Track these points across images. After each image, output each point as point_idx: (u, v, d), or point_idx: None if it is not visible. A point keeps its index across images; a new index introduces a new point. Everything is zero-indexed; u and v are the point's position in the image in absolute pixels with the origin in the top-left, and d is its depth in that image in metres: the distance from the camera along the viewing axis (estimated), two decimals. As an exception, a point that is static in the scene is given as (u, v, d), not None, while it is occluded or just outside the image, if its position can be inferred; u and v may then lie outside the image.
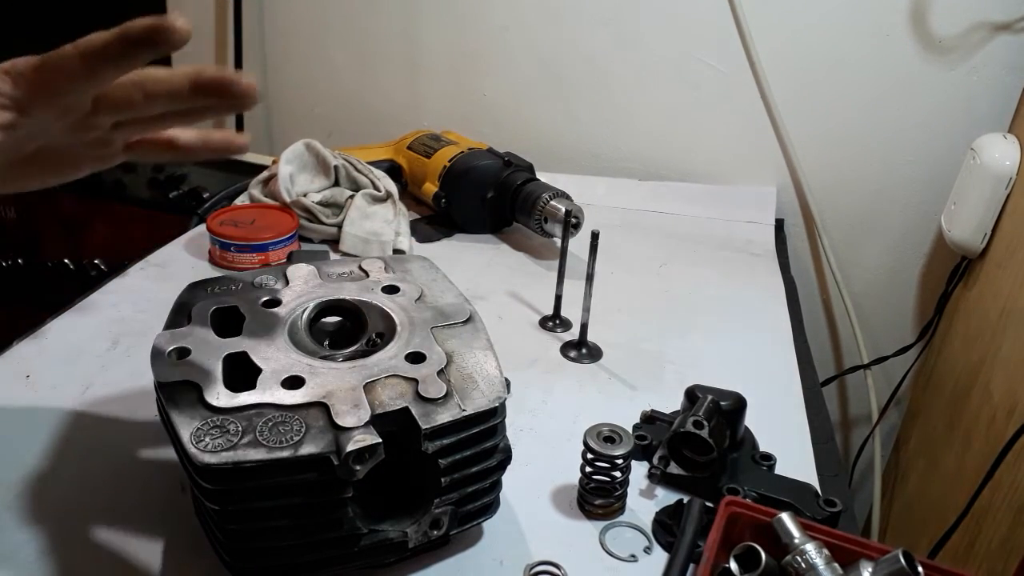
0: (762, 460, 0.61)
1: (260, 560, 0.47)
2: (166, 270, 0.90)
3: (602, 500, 0.58)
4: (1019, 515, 0.77)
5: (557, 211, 0.96)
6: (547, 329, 0.85)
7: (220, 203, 1.06)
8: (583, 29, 1.24)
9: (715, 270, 1.01)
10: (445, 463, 0.48)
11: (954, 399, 1.04)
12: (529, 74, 1.30)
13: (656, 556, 0.55)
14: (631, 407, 0.68)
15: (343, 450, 0.43)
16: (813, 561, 0.46)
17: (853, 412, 1.35)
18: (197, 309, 0.53)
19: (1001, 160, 0.98)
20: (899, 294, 1.26)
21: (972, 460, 0.93)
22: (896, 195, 1.20)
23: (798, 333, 0.88)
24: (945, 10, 1.08)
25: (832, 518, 0.55)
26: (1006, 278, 0.96)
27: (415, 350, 0.51)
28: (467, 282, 0.62)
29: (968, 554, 0.87)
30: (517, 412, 0.68)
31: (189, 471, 0.44)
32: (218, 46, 1.44)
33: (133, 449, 0.61)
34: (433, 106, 1.36)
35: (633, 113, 1.28)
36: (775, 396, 0.74)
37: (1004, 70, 1.08)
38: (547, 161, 1.16)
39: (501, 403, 0.49)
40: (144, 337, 0.50)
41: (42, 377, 0.69)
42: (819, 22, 1.14)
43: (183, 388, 0.46)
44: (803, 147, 1.21)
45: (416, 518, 0.49)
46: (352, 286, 0.58)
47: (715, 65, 1.21)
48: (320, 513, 0.46)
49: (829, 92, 1.17)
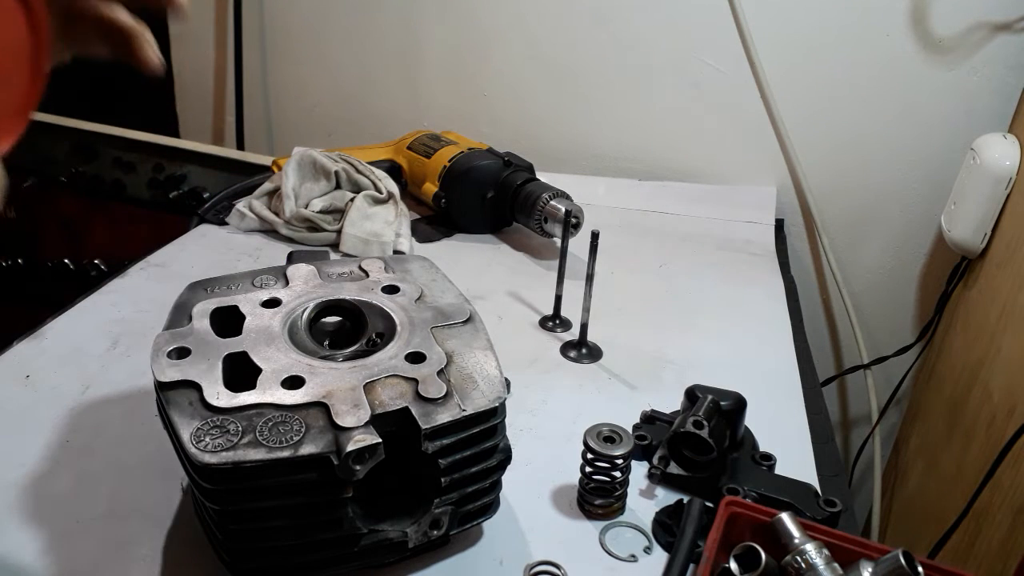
0: (762, 460, 0.61)
1: (260, 560, 0.47)
2: (166, 270, 0.90)
3: (602, 500, 0.58)
4: (1019, 515, 0.77)
5: (557, 211, 0.96)
6: (547, 329, 0.85)
7: (220, 203, 1.06)
8: (583, 29, 1.24)
9: (715, 270, 1.01)
10: (445, 463, 0.48)
11: (954, 399, 1.04)
12: (529, 74, 1.30)
13: (656, 556, 0.55)
14: (631, 407, 0.68)
15: (343, 450, 0.43)
16: (813, 561, 0.46)
17: (853, 412, 1.35)
18: (197, 309, 0.53)
19: (1001, 160, 0.98)
20: (899, 294, 1.26)
21: (972, 460, 0.93)
22: (896, 195, 1.20)
23: (798, 333, 0.88)
24: (945, 10, 1.08)
25: (832, 518, 0.55)
26: (1006, 278, 0.96)
27: (415, 350, 0.51)
28: (467, 282, 0.62)
29: (968, 554, 0.87)
30: (517, 412, 0.68)
31: (189, 471, 0.44)
32: (218, 46, 1.44)
33: (133, 449, 0.61)
34: (433, 106, 1.36)
35: (633, 113, 1.28)
36: (775, 396, 0.74)
37: (1004, 70, 1.08)
38: (547, 161, 1.16)
39: (501, 403, 0.49)
40: (144, 337, 0.50)
41: (42, 377, 0.69)
42: (819, 22, 1.14)
43: (183, 388, 0.46)
44: (803, 147, 1.21)
45: (416, 518, 0.49)
46: (352, 286, 0.58)
47: (715, 65, 1.21)
48: (320, 513, 0.46)
49: (829, 92, 1.17)
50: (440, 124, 1.23)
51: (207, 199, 1.09)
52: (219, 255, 0.95)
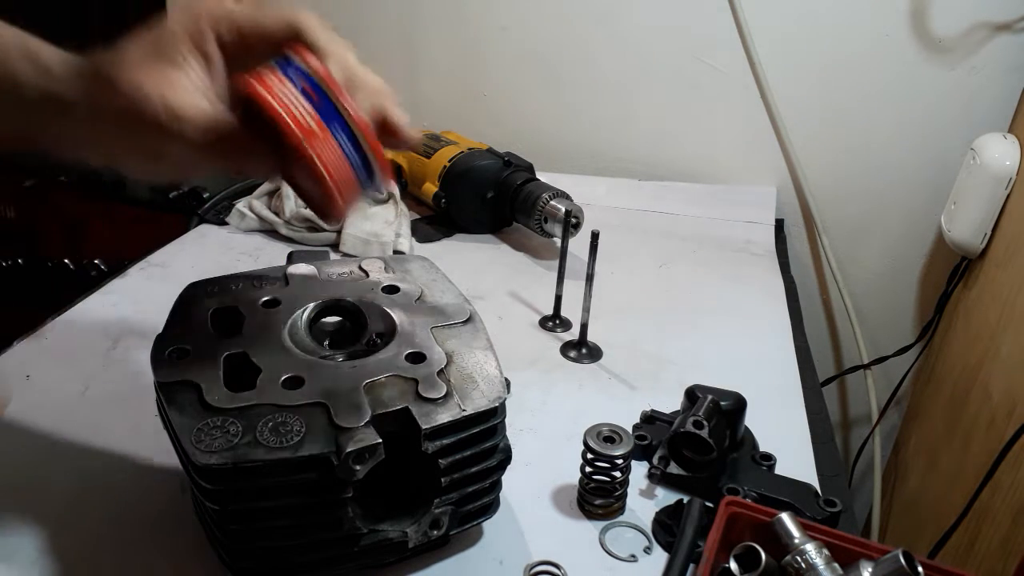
0: (762, 460, 0.61)
1: (260, 560, 0.47)
2: (166, 270, 0.90)
3: (602, 500, 0.58)
4: (1019, 515, 0.77)
5: (557, 211, 0.96)
6: (547, 329, 0.85)
7: (220, 203, 1.06)
8: (583, 29, 1.24)
9: (715, 270, 1.01)
10: (445, 463, 0.48)
11: (954, 399, 1.04)
12: (529, 74, 1.30)
13: (656, 556, 0.55)
14: (631, 407, 0.68)
15: (343, 450, 0.43)
16: (813, 561, 0.46)
17: (853, 412, 1.35)
18: (197, 309, 0.53)
19: (1001, 160, 0.98)
20: (899, 294, 1.26)
21: (972, 460, 0.93)
22: (896, 195, 1.20)
23: (798, 333, 0.88)
24: (945, 10, 1.08)
25: (832, 518, 0.55)
26: (1006, 278, 0.96)
27: (415, 350, 0.51)
28: (467, 282, 0.62)
29: (968, 554, 0.87)
30: (517, 412, 0.68)
31: (189, 471, 0.44)
32: (218, 46, 1.43)
33: (133, 449, 0.61)
34: (433, 106, 1.36)
35: (633, 113, 1.28)
36: (775, 396, 0.74)
37: (1004, 70, 1.08)
38: (547, 161, 1.16)
39: (501, 403, 0.49)
40: (144, 337, 0.50)
41: (42, 377, 0.69)
42: (819, 22, 1.14)
43: (183, 388, 0.46)
44: (803, 147, 1.21)
45: (416, 518, 0.49)
46: (352, 286, 0.58)
47: (715, 65, 1.21)
48: (320, 513, 0.46)
49: (829, 92, 1.17)
50: (440, 124, 1.23)
51: (207, 199, 1.09)
52: (219, 255, 0.95)
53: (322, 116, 0.42)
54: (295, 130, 0.41)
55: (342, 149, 0.42)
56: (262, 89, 0.41)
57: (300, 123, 0.41)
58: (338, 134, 0.42)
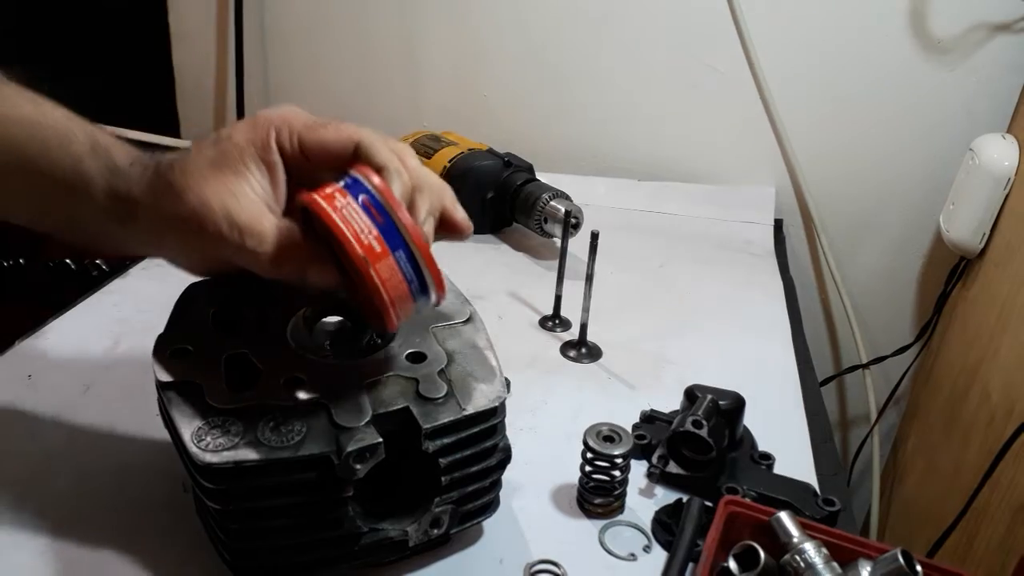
0: (761, 459, 0.62)
1: (261, 559, 0.47)
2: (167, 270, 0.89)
3: (602, 499, 0.58)
4: (1017, 514, 0.77)
5: (557, 211, 0.96)
6: (547, 329, 0.85)
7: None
8: (583, 29, 1.24)
9: (714, 270, 1.02)
10: (445, 462, 0.48)
11: (952, 399, 1.05)
12: (529, 74, 1.30)
13: (655, 555, 0.55)
14: (631, 407, 0.68)
15: (343, 450, 0.43)
16: (812, 560, 0.46)
17: (852, 412, 1.35)
18: (198, 309, 0.53)
19: (1000, 160, 0.98)
20: (898, 294, 1.26)
21: (970, 460, 0.93)
22: (895, 195, 1.20)
23: (797, 333, 0.88)
24: (945, 10, 1.08)
25: (831, 517, 0.56)
26: (1005, 278, 0.96)
27: (415, 350, 0.51)
28: (467, 282, 0.62)
29: (967, 553, 0.87)
30: (517, 412, 0.68)
31: (190, 471, 0.45)
32: (218, 46, 1.44)
33: (134, 449, 0.61)
34: (433, 106, 1.36)
35: (633, 113, 1.28)
36: (774, 396, 0.74)
37: (1003, 70, 1.09)
38: (547, 161, 1.16)
39: (501, 403, 0.49)
40: (145, 337, 0.50)
41: (43, 377, 0.69)
42: (818, 22, 1.14)
43: (184, 388, 0.46)
44: (802, 147, 1.21)
45: (416, 517, 0.49)
46: (352, 286, 0.58)
47: (715, 65, 1.21)
48: (320, 512, 0.46)
49: (828, 92, 1.17)
50: (440, 125, 1.24)
51: (207, 199, 1.09)
52: (219, 255, 0.95)
53: (383, 235, 0.42)
54: (358, 249, 0.41)
55: (399, 267, 0.43)
56: (327, 206, 0.42)
57: (363, 242, 0.42)
58: (398, 253, 0.43)
